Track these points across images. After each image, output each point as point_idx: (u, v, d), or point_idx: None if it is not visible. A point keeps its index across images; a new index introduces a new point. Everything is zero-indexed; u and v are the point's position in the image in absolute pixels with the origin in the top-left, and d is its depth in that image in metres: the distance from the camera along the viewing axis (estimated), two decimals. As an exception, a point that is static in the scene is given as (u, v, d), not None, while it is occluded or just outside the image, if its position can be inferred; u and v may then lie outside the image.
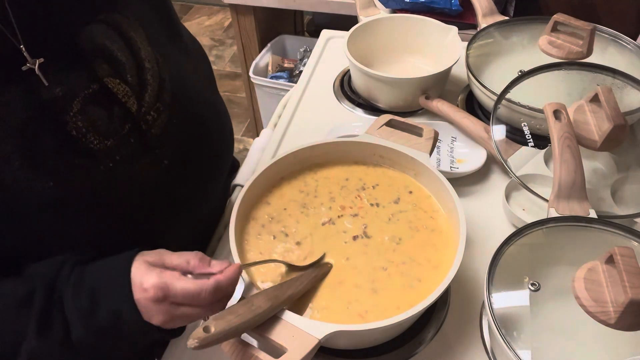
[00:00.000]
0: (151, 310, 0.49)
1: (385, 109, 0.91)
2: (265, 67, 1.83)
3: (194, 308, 0.50)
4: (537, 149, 0.74)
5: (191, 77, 0.68)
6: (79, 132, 0.53)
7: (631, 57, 0.85)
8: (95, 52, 0.55)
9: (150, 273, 0.49)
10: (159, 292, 0.48)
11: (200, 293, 0.48)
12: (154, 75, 0.60)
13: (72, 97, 0.53)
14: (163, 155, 0.61)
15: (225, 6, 1.76)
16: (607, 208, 0.69)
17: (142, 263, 0.51)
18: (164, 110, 0.61)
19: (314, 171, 0.68)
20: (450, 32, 0.92)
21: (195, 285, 0.48)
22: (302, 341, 0.47)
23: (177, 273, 0.49)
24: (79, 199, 0.54)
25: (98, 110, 0.55)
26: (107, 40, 0.56)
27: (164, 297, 0.48)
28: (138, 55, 0.59)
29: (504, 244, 0.56)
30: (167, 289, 0.48)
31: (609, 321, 0.46)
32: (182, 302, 0.49)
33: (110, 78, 0.56)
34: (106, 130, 0.55)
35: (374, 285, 0.56)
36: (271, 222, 0.62)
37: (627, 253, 0.46)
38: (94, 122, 0.54)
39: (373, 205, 0.64)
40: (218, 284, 0.49)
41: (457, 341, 0.61)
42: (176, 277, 0.49)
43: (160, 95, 0.61)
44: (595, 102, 0.67)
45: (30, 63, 0.50)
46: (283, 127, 0.91)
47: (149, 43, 0.61)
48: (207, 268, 0.51)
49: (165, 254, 0.52)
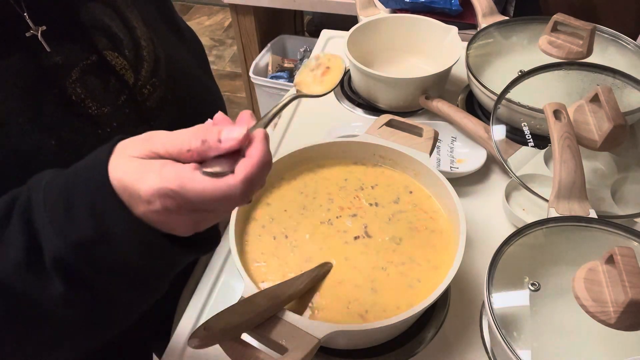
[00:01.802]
0: (166, 222, 0.37)
1: (385, 109, 0.91)
2: (265, 67, 1.83)
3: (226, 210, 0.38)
4: (537, 149, 0.74)
5: (186, 59, 0.71)
6: (78, 97, 0.55)
7: (631, 57, 0.85)
8: (94, 26, 0.58)
9: (147, 174, 0.35)
10: (168, 202, 0.35)
11: (229, 198, 0.35)
12: (149, 53, 0.63)
13: (71, 66, 0.55)
14: (157, 127, 0.62)
15: (225, 6, 1.76)
16: (607, 208, 0.69)
17: (129, 160, 0.36)
18: (160, 85, 0.64)
19: (314, 172, 0.68)
20: (450, 32, 0.92)
21: (219, 189, 0.34)
22: (302, 341, 0.47)
23: (187, 167, 0.35)
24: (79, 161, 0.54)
25: (95, 80, 0.57)
26: (105, 17, 0.59)
27: (178, 207, 0.35)
28: (134, 33, 0.62)
29: (504, 244, 0.56)
30: (178, 196, 0.35)
31: (609, 321, 0.46)
32: (206, 209, 0.37)
33: (109, 51, 0.59)
34: (103, 99, 0.57)
35: (373, 285, 0.56)
36: (272, 222, 0.63)
37: (627, 253, 0.46)
38: (92, 90, 0.56)
39: (372, 205, 0.64)
40: (249, 178, 0.35)
41: (457, 341, 0.61)
42: (186, 177, 0.35)
43: (156, 72, 0.64)
44: (595, 102, 0.67)
45: (33, 30, 0.52)
46: (283, 127, 0.91)
47: (144, 23, 0.64)
48: (219, 147, 0.35)
49: (154, 138, 0.37)
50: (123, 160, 0.36)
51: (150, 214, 0.36)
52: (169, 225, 0.37)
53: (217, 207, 0.36)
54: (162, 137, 0.36)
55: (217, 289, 0.68)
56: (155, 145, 0.36)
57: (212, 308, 0.66)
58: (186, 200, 0.35)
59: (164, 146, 0.36)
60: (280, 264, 0.58)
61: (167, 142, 0.36)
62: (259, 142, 0.36)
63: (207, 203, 0.35)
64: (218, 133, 0.35)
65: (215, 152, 0.35)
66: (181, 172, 0.35)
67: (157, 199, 0.35)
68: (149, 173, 0.35)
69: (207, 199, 0.35)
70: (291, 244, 0.60)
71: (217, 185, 0.34)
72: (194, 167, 0.35)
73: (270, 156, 0.37)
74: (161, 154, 0.36)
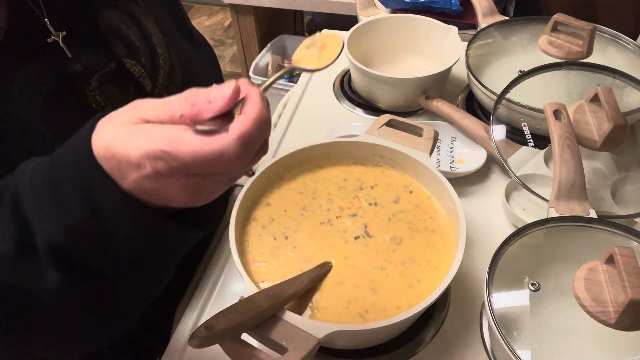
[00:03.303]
0: (161, 189, 0.35)
1: (385, 109, 0.91)
2: (265, 67, 1.83)
3: (222, 175, 0.36)
4: (537, 149, 0.74)
5: (200, 66, 0.72)
6: (98, 105, 0.56)
7: (631, 57, 0.85)
8: (112, 33, 0.58)
9: (136, 138, 0.33)
10: (159, 164, 0.33)
11: (222, 156, 0.33)
12: (165, 60, 0.64)
13: (91, 74, 0.55)
14: None
15: (225, 6, 1.76)
16: (607, 208, 0.69)
17: (117, 127, 0.34)
18: (176, 93, 0.63)
19: (314, 172, 0.68)
20: (450, 32, 0.92)
21: (212, 147, 0.32)
22: (302, 341, 0.47)
23: (178, 128, 0.33)
24: None
25: (113, 88, 0.57)
26: (122, 25, 0.60)
27: (170, 170, 0.33)
28: (150, 40, 0.63)
29: (504, 244, 0.56)
30: (169, 159, 0.33)
31: (609, 321, 0.46)
32: (201, 172, 0.34)
33: (127, 59, 0.59)
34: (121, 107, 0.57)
35: (373, 285, 0.56)
36: (272, 222, 0.63)
37: (627, 253, 0.46)
38: (111, 98, 0.57)
39: (372, 205, 0.64)
40: (244, 135, 0.33)
41: (457, 341, 0.61)
42: (178, 137, 0.33)
43: (172, 79, 0.64)
44: (595, 102, 0.67)
45: (54, 35, 0.52)
46: (283, 127, 0.91)
47: (160, 31, 0.64)
48: (209, 107, 0.33)
49: (144, 105, 0.35)
50: (109, 128, 0.35)
51: (142, 180, 0.34)
52: (162, 193, 0.35)
53: (211, 169, 0.34)
54: (152, 104, 0.35)
55: (217, 289, 0.68)
56: (145, 112, 0.35)
57: (212, 308, 0.66)
58: (177, 160, 0.33)
59: (154, 112, 0.34)
60: (280, 264, 0.58)
61: (158, 108, 0.34)
62: (254, 99, 0.34)
63: (200, 164, 0.33)
64: (207, 93, 0.34)
65: (207, 114, 0.33)
66: (172, 132, 0.33)
67: (147, 161, 0.33)
68: (138, 136, 0.33)
69: (199, 159, 0.32)
70: (291, 244, 0.60)
71: (210, 143, 0.32)
72: (185, 128, 0.33)
73: (268, 114, 0.34)
74: (151, 121, 0.34)
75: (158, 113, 0.34)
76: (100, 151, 0.34)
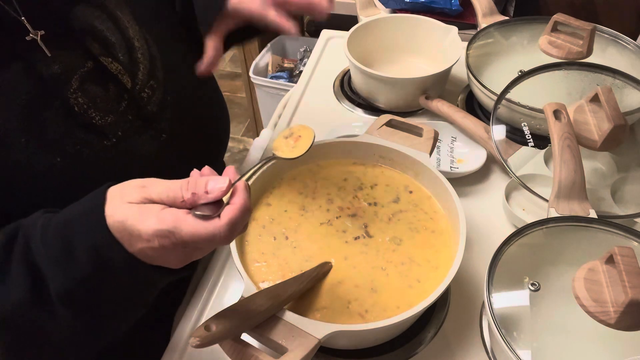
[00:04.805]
0: (161, 258, 0.43)
1: (385, 109, 0.91)
2: (265, 67, 1.83)
3: (210, 248, 0.45)
4: (537, 149, 0.74)
5: (184, 56, 0.69)
6: (81, 108, 0.55)
7: (631, 57, 0.85)
8: (85, 31, 0.57)
9: (147, 217, 0.41)
10: (165, 241, 0.41)
11: (214, 238, 0.40)
12: (144, 54, 0.62)
13: (71, 74, 0.54)
14: (161, 130, 0.62)
15: (225, 6, 1.76)
16: (607, 208, 0.69)
17: (127, 205, 0.42)
18: (158, 87, 0.63)
19: (313, 172, 0.68)
20: (450, 32, 0.92)
21: (207, 230, 0.40)
22: (302, 341, 0.47)
23: (181, 212, 0.41)
24: (86, 174, 0.55)
25: (95, 88, 0.56)
26: (95, 21, 0.58)
27: (173, 246, 0.41)
28: (126, 34, 0.61)
29: (504, 244, 0.56)
30: (173, 236, 0.40)
31: (609, 321, 0.46)
32: (195, 247, 0.42)
33: (103, 57, 0.58)
34: (105, 107, 0.57)
35: (373, 285, 0.56)
36: (272, 223, 0.63)
37: (627, 253, 0.46)
38: (93, 99, 0.56)
39: (371, 205, 0.64)
40: (232, 222, 0.41)
41: (457, 341, 0.61)
42: (181, 219, 0.40)
43: (153, 73, 0.62)
44: (595, 102, 0.67)
45: (32, 34, 0.51)
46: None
47: (137, 22, 0.62)
48: (206, 197, 0.41)
49: (150, 187, 0.43)
50: (121, 205, 0.42)
51: (147, 250, 0.42)
52: (160, 259, 0.43)
53: (204, 245, 0.42)
54: (157, 187, 0.42)
55: (217, 289, 0.68)
56: (151, 194, 0.42)
57: (212, 308, 0.66)
58: (179, 239, 0.40)
59: (158, 195, 0.42)
60: (280, 264, 0.58)
61: (162, 192, 0.42)
62: (241, 191, 0.42)
63: (196, 242, 0.40)
64: (205, 185, 0.41)
65: (204, 201, 0.41)
66: (177, 215, 0.40)
67: (155, 238, 0.40)
68: (148, 216, 0.41)
69: (197, 238, 0.40)
70: (291, 244, 0.60)
71: (206, 227, 0.40)
72: (186, 212, 0.41)
73: (249, 203, 0.42)
74: (155, 201, 0.42)
75: (162, 196, 0.42)
76: (115, 224, 0.41)
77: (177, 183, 0.42)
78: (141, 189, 0.42)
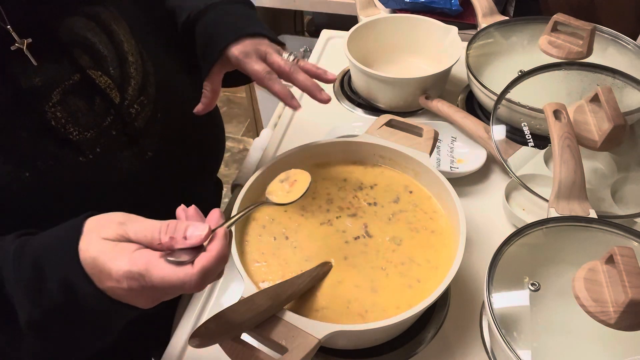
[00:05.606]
0: (129, 298, 0.42)
1: (385, 109, 0.91)
2: (266, 67, 1.83)
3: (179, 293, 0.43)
4: (537, 149, 0.74)
5: (179, 71, 0.68)
6: (58, 122, 0.53)
7: (631, 57, 0.85)
8: (74, 44, 0.55)
9: (119, 256, 0.40)
10: (133, 283, 0.40)
11: (184, 285, 0.40)
12: (137, 69, 0.60)
13: (52, 87, 0.53)
14: (147, 147, 0.61)
15: (225, 6, 1.76)
16: (607, 208, 0.69)
17: (102, 241, 0.41)
18: (148, 103, 0.61)
19: (314, 172, 0.68)
20: (450, 32, 0.92)
21: (177, 277, 0.39)
22: (302, 341, 0.47)
23: (154, 255, 0.40)
24: (58, 190, 0.53)
25: (78, 102, 0.55)
26: (88, 33, 0.57)
27: (141, 288, 0.40)
28: (120, 48, 0.59)
29: (504, 244, 0.56)
30: (142, 280, 0.40)
31: (609, 321, 0.46)
32: (164, 292, 0.42)
33: (92, 70, 0.56)
34: (86, 122, 0.55)
35: (373, 285, 0.56)
36: (272, 223, 0.63)
37: (627, 253, 0.46)
38: (74, 113, 0.54)
39: (371, 205, 0.64)
40: (204, 271, 0.40)
41: (457, 341, 0.61)
42: (152, 263, 0.40)
43: (144, 88, 0.61)
44: (595, 102, 0.67)
45: (18, 43, 0.50)
46: (283, 127, 0.91)
47: (133, 36, 0.61)
48: (184, 242, 0.41)
49: (128, 225, 0.42)
50: (97, 240, 0.41)
51: (117, 290, 0.41)
52: (130, 299, 0.42)
53: (172, 291, 0.41)
54: (136, 226, 0.41)
55: (217, 289, 0.68)
56: (128, 232, 0.41)
57: (212, 308, 0.66)
58: (149, 282, 0.39)
59: (135, 235, 0.41)
60: (280, 264, 0.58)
61: (139, 232, 0.41)
62: (219, 239, 0.41)
63: (165, 287, 0.40)
64: (185, 230, 0.41)
65: (181, 246, 0.40)
66: (149, 258, 0.40)
67: (124, 279, 0.40)
68: (121, 255, 0.40)
69: (165, 284, 0.39)
70: (291, 244, 0.60)
71: (177, 273, 0.39)
72: (160, 255, 0.40)
73: (227, 252, 0.42)
74: (132, 240, 0.41)
75: (139, 236, 0.41)
76: (87, 259, 0.41)
77: (156, 224, 0.41)
78: (119, 225, 0.41)
